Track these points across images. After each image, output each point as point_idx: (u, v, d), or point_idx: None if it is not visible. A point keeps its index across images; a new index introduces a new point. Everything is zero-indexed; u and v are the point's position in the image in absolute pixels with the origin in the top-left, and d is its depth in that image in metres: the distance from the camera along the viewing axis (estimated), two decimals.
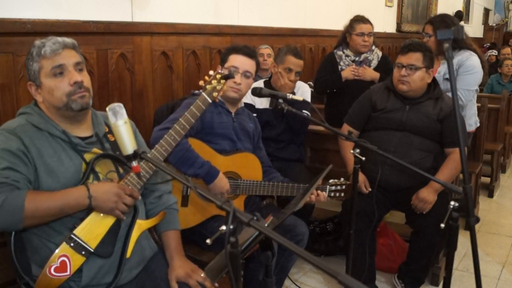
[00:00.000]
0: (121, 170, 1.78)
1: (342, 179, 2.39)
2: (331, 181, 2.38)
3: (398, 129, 2.66)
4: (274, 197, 2.63)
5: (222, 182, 2.21)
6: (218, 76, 1.97)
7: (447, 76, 3.21)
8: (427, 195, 2.57)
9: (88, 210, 1.62)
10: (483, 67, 3.23)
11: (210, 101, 1.95)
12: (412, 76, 2.58)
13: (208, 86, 1.95)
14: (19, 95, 2.29)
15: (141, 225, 1.79)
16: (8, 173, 1.53)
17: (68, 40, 1.67)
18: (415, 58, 2.58)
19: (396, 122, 2.66)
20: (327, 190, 2.37)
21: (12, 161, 1.55)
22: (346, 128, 2.82)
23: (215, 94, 1.95)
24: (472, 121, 3.48)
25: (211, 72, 2.00)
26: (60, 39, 1.66)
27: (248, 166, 2.38)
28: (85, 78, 1.68)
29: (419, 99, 2.66)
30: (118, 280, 1.70)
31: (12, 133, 1.59)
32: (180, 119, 1.89)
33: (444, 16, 3.30)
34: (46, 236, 1.61)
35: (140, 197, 1.74)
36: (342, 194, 2.38)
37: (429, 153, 2.65)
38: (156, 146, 1.82)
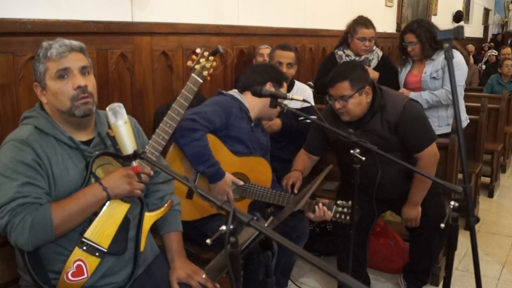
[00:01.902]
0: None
1: (350, 202, 2.25)
2: (339, 202, 2.29)
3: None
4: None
5: (224, 185, 2.22)
6: (206, 53, 1.91)
7: (434, 75, 3.25)
8: (410, 213, 2.58)
9: (107, 202, 1.64)
10: (466, 62, 3.30)
11: (201, 81, 1.90)
12: (347, 106, 2.42)
13: (197, 66, 1.90)
14: (19, 95, 2.29)
15: (150, 216, 1.80)
16: (28, 190, 1.52)
17: (75, 43, 1.64)
18: (343, 88, 2.40)
19: None
20: (333, 210, 2.30)
21: (29, 174, 1.54)
22: (302, 154, 2.73)
23: (205, 73, 1.91)
24: (463, 117, 3.50)
25: (198, 50, 1.93)
26: (67, 41, 1.63)
27: (259, 171, 2.38)
28: (89, 82, 1.65)
29: (364, 119, 2.49)
30: (136, 274, 1.72)
31: (24, 144, 1.56)
32: (173, 105, 1.86)
33: (419, 21, 3.34)
34: (59, 243, 1.61)
35: (152, 172, 1.73)
36: (348, 218, 2.27)
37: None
38: (153, 136, 1.81)
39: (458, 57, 3.20)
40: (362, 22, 3.48)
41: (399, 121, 2.44)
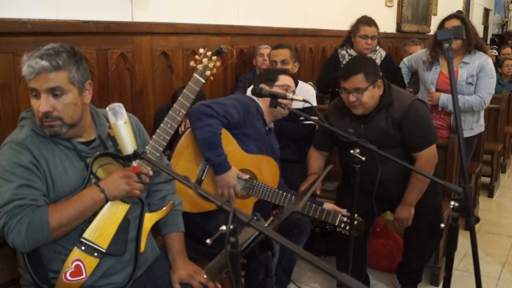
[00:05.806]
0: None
1: (356, 215, 2.25)
2: (345, 212, 2.33)
3: None
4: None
5: (229, 178, 2.22)
6: (209, 53, 1.90)
7: (470, 80, 3.20)
8: (402, 214, 2.59)
9: (106, 203, 1.63)
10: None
11: (203, 81, 1.88)
12: (362, 99, 2.43)
13: (199, 66, 1.89)
14: (19, 95, 2.29)
15: (151, 217, 1.79)
16: (24, 192, 1.52)
17: (45, 63, 1.52)
18: (358, 80, 2.40)
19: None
20: (338, 218, 2.32)
21: (26, 176, 1.53)
22: (313, 152, 2.76)
23: (207, 72, 1.89)
24: (482, 122, 3.50)
25: (201, 50, 1.92)
26: (37, 61, 1.52)
27: (267, 170, 2.39)
28: (59, 104, 1.56)
29: (371, 114, 2.50)
30: (136, 275, 1.72)
31: (21, 146, 1.56)
32: (175, 105, 1.85)
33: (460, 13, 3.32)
34: (59, 242, 1.61)
35: (151, 172, 1.71)
36: (350, 228, 2.27)
37: (402, 160, 2.52)
38: (154, 136, 1.80)
39: (490, 64, 3.20)
40: (364, 20, 3.51)
41: (403, 118, 2.46)
